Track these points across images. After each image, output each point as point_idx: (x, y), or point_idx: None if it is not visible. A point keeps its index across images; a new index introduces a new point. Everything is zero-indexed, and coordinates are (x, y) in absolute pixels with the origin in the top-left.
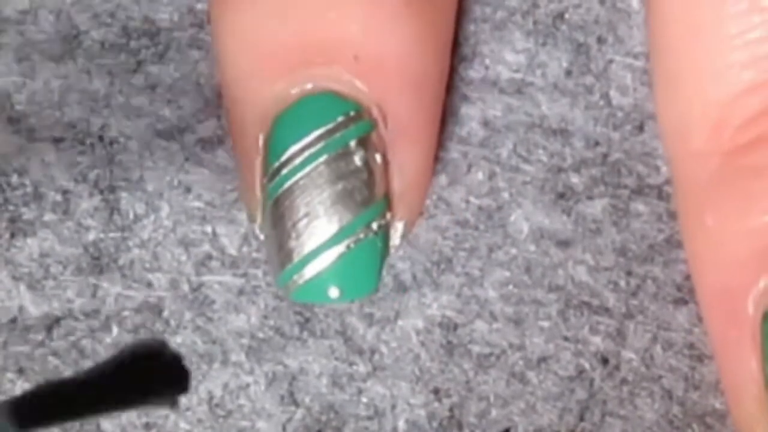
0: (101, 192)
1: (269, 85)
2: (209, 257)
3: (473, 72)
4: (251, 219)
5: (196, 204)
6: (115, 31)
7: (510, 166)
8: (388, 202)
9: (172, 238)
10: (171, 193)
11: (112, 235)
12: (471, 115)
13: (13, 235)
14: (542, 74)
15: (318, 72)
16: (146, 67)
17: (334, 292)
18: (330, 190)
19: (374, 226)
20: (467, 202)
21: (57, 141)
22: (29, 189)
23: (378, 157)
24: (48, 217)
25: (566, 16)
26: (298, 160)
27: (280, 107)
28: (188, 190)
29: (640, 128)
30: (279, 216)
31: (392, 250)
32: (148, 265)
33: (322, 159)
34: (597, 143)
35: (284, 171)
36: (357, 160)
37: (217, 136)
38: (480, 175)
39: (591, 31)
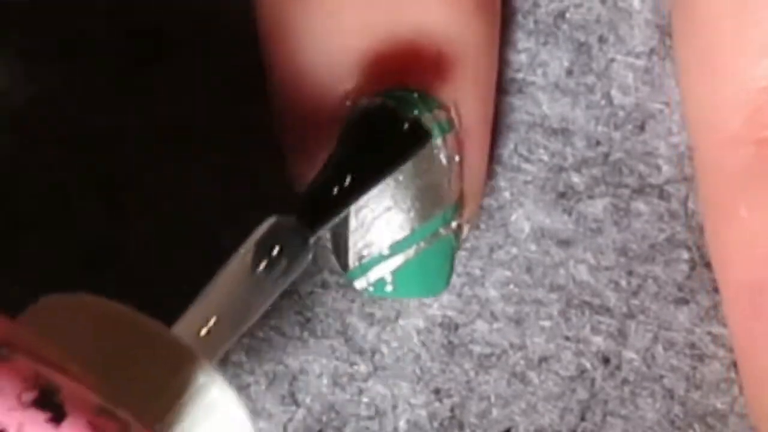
0: (101, 192)
1: (352, 78)
2: (210, 257)
3: None
4: None
5: (197, 203)
6: (116, 30)
7: (511, 166)
8: (461, 202)
9: (173, 237)
10: (172, 193)
11: (112, 234)
12: None
13: (13, 235)
14: (543, 73)
15: (403, 68)
16: (147, 66)
17: (394, 289)
18: (414, 185)
19: (453, 224)
20: None
21: (57, 141)
22: (29, 189)
23: (457, 157)
24: (48, 217)
25: (567, 15)
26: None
27: (361, 100)
28: (189, 189)
29: (642, 128)
30: (358, 209)
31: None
32: (148, 265)
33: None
34: (598, 143)
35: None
36: (442, 157)
37: (218, 135)
38: None
39: (592, 30)
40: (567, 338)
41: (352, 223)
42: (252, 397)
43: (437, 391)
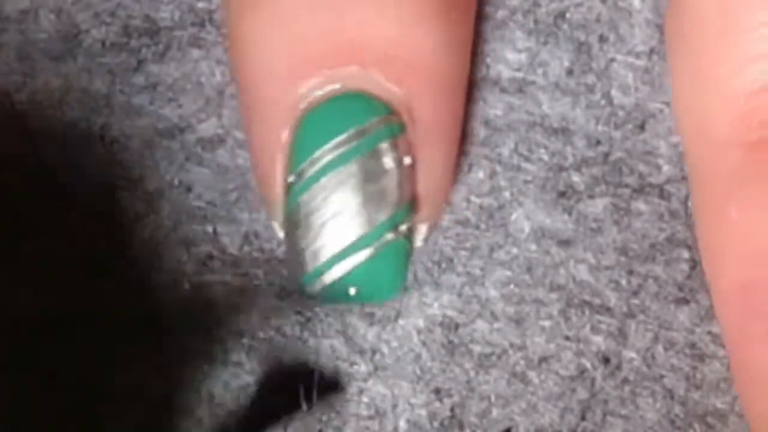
0: (102, 191)
1: (299, 83)
2: (210, 257)
3: (474, 71)
4: (272, 217)
5: (197, 203)
6: (116, 30)
7: (511, 165)
8: (413, 204)
9: (173, 237)
10: (171, 193)
11: (112, 234)
12: (472, 114)
13: (14, 235)
14: (543, 73)
15: (350, 72)
16: (147, 66)
17: (357, 293)
18: (361, 191)
19: (402, 228)
20: (468, 201)
21: (57, 141)
22: (30, 189)
23: (407, 159)
24: (49, 216)
25: (567, 15)
26: (326, 160)
27: (310, 107)
28: (189, 189)
29: (642, 127)
30: (306, 215)
31: (414, 253)
32: (148, 265)
33: (353, 160)
34: (598, 142)
35: (312, 171)
36: (388, 161)
37: (217, 135)
38: (481, 174)
39: (592, 29)
40: (567, 338)
41: (302, 229)
42: (252, 397)
43: (437, 391)
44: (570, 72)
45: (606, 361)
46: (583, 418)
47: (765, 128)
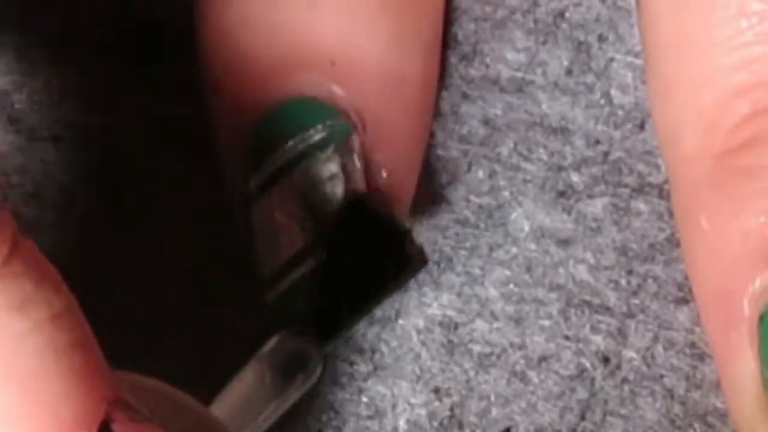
0: (101, 191)
1: (249, 96)
2: (212, 255)
3: (473, 70)
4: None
5: (198, 203)
6: (116, 30)
7: (510, 165)
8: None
9: (174, 237)
10: (172, 192)
11: (112, 234)
12: (471, 114)
13: None
14: (543, 73)
15: (295, 79)
16: (146, 66)
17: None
18: (306, 197)
19: None
20: (468, 200)
21: (57, 141)
22: (29, 189)
23: (357, 161)
24: (48, 216)
25: (567, 14)
26: (271, 170)
27: (258, 117)
28: (189, 188)
29: (641, 127)
30: (258, 224)
31: None
32: (148, 265)
33: (300, 166)
34: (598, 142)
35: (262, 179)
36: (334, 166)
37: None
38: (480, 174)
39: (591, 29)
40: (567, 338)
41: (258, 240)
42: None
43: (437, 391)
44: (569, 71)
45: (606, 360)
46: (582, 418)
47: (730, 139)
